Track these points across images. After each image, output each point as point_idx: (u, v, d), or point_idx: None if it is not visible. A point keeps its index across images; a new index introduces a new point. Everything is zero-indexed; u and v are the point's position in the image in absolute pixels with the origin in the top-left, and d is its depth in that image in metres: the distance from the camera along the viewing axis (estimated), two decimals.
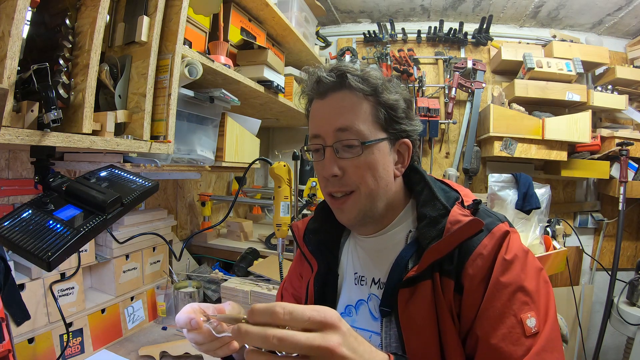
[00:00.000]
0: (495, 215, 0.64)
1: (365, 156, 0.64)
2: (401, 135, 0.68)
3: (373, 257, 0.71)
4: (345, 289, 0.74)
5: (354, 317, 0.70)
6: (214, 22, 1.35)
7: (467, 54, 2.42)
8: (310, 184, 1.50)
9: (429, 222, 0.63)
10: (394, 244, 0.68)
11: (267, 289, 1.36)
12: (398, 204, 0.70)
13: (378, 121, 0.65)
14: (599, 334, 1.96)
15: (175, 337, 1.27)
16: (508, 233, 0.61)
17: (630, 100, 2.12)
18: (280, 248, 1.17)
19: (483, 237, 0.59)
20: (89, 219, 0.65)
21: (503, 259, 0.58)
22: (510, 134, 1.98)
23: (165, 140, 0.98)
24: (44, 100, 0.68)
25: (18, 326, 0.95)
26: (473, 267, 0.58)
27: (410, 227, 0.68)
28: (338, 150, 0.65)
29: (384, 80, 0.66)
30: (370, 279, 0.70)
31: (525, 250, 0.61)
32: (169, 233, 1.51)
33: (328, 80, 0.65)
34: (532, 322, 0.54)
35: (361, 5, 2.35)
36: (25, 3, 0.64)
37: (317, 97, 0.68)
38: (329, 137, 0.65)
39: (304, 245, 0.79)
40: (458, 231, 0.58)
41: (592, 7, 2.10)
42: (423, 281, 0.60)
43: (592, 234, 2.36)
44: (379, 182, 0.65)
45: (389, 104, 0.65)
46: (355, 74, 0.65)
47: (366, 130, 0.64)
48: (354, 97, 0.65)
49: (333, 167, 0.65)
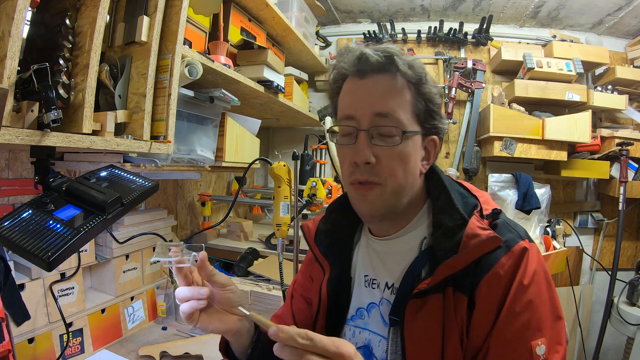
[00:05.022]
0: (516, 229, 0.60)
1: (402, 147, 0.59)
2: (432, 131, 0.64)
3: (385, 260, 0.68)
4: (356, 292, 0.72)
5: (366, 320, 0.69)
6: (214, 22, 1.35)
7: (467, 54, 2.42)
8: (310, 184, 1.50)
9: (445, 232, 0.59)
10: (408, 250, 0.65)
11: (267, 289, 1.36)
12: (417, 204, 0.67)
13: (416, 113, 0.61)
14: (599, 334, 1.96)
15: (175, 337, 1.28)
16: (526, 251, 0.57)
17: (630, 100, 2.12)
18: (280, 248, 1.17)
19: (501, 255, 0.56)
20: (89, 219, 0.65)
21: (520, 284, 0.55)
22: (510, 134, 1.98)
23: (165, 140, 0.98)
24: (44, 100, 0.68)
25: (18, 326, 0.95)
26: (488, 287, 0.55)
27: (424, 233, 0.65)
28: (373, 137, 0.60)
29: (426, 71, 0.62)
30: (383, 283, 0.68)
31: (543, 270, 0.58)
32: (169, 233, 1.51)
33: (374, 58, 0.59)
34: (542, 349, 0.53)
35: (361, 5, 2.35)
36: (25, 3, 0.64)
37: (356, 75, 0.62)
38: (365, 120, 0.60)
39: (315, 246, 0.76)
40: (475, 247, 0.55)
41: (592, 7, 2.10)
42: (434, 294, 0.57)
43: (592, 234, 2.36)
44: (407, 177, 0.62)
45: (429, 96, 0.61)
46: (404, 59, 0.60)
47: (406, 120, 0.60)
48: (399, 83, 0.60)
49: (367, 153, 0.59)
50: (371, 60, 0.60)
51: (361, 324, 0.69)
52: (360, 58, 0.61)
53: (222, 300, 0.61)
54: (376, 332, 0.66)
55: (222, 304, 0.62)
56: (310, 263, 0.81)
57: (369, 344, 0.67)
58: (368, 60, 0.60)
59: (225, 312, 0.62)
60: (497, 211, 0.60)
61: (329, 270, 0.73)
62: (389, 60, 0.59)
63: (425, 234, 0.64)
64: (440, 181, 0.66)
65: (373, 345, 0.66)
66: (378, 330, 0.66)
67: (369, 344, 0.67)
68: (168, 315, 1.39)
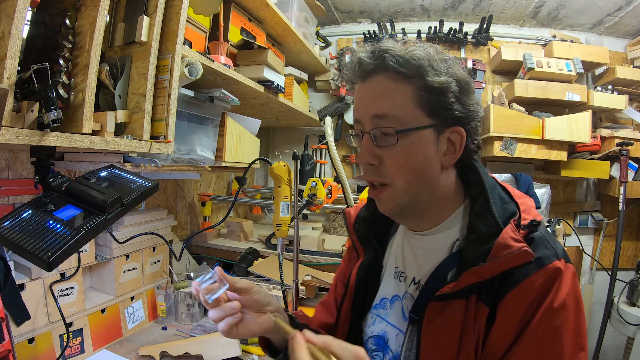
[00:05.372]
0: (553, 247, 0.56)
1: (402, 146, 0.58)
2: (451, 122, 0.60)
3: (417, 255, 0.68)
4: (384, 282, 0.73)
5: (387, 311, 0.69)
6: (214, 22, 1.35)
7: (467, 54, 2.41)
8: (310, 184, 1.50)
9: (478, 238, 0.57)
10: (439, 248, 0.64)
11: (267, 289, 1.36)
12: (449, 201, 0.64)
13: (422, 107, 0.58)
14: (599, 334, 1.96)
15: (175, 337, 1.28)
16: (561, 272, 0.54)
17: (630, 100, 2.11)
18: (280, 248, 1.17)
19: (532, 272, 0.53)
20: (89, 219, 0.65)
21: (549, 307, 0.52)
22: (510, 134, 1.98)
23: (165, 140, 0.97)
24: (44, 100, 0.68)
25: (18, 326, 0.95)
26: (512, 303, 0.53)
27: (458, 234, 0.63)
28: (376, 138, 0.60)
29: (430, 59, 0.58)
30: (410, 278, 0.67)
31: (575, 296, 0.55)
32: (169, 233, 1.51)
33: (366, 62, 0.60)
34: None
35: (361, 5, 2.35)
36: (25, 3, 0.64)
37: (359, 79, 0.63)
38: (367, 123, 0.61)
39: (353, 233, 0.78)
40: (504, 259, 0.53)
41: (592, 7, 2.10)
42: (457, 299, 0.56)
43: (592, 234, 2.36)
44: (417, 174, 0.60)
45: (434, 87, 0.57)
46: (396, 54, 0.58)
47: (405, 117, 0.58)
48: (392, 81, 0.59)
49: (367, 155, 0.61)
50: (364, 63, 0.61)
51: (382, 314, 0.70)
52: (358, 63, 0.62)
53: (251, 304, 0.63)
54: (394, 325, 0.67)
55: (252, 307, 0.64)
56: (350, 249, 0.83)
57: (385, 335, 0.68)
58: (363, 64, 0.61)
59: (258, 314, 0.64)
60: (535, 223, 0.57)
61: (363, 256, 0.75)
62: (381, 60, 0.59)
63: (458, 236, 0.63)
64: (480, 182, 0.63)
65: (389, 337, 0.67)
66: (397, 324, 0.67)
67: (385, 335, 0.68)
68: (168, 315, 1.39)
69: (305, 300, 1.48)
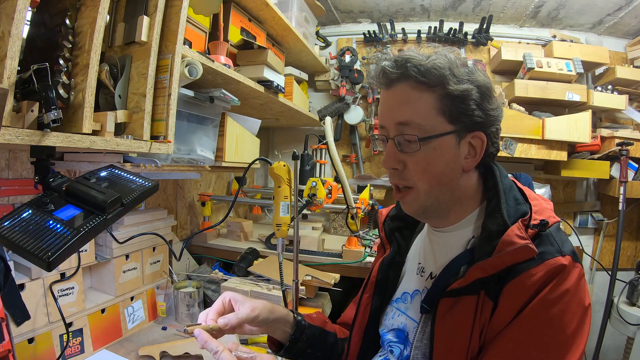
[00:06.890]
0: (559, 244, 0.57)
1: (425, 152, 0.61)
2: (472, 127, 0.63)
3: (435, 250, 0.71)
4: (406, 277, 0.77)
5: (407, 305, 0.72)
6: (214, 22, 1.35)
7: (467, 54, 2.42)
8: (310, 184, 1.50)
9: (487, 236, 0.60)
10: (455, 244, 0.67)
11: (267, 289, 1.36)
12: (468, 201, 0.67)
13: (443, 114, 0.61)
14: (599, 334, 1.96)
15: (175, 337, 1.28)
16: (564, 268, 0.54)
17: (630, 100, 2.11)
18: (280, 248, 1.16)
19: (533, 265, 0.54)
20: (89, 219, 0.65)
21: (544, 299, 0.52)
22: (510, 134, 1.98)
23: (165, 140, 0.97)
24: (44, 100, 0.68)
25: (18, 326, 0.95)
26: (509, 294, 0.55)
27: (473, 232, 0.66)
28: (400, 144, 0.63)
29: (452, 67, 0.60)
30: (428, 272, 0.70)
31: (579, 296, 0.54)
32: (169, 233, 1.51)
33: (389, 71, 0.63)
34: None
35: (361, 5, 2.35)
36: (25, 3, 0.64)
37: (383, 86, 0.66)
38: (392, 129, 0.64)
39: (382, 230, 0.83)
40: (507, 254, 0.55)
41: (592, 7, 2.10)
42: (468, 295, 0.57)
43: (592, 234, 2.36)
44: (439, 177, 0.63)
45: (455, 95, 0.60)
46: (418, 63, 0.60)
47: (428, 124, 0.61)
48: (415, 90, 0.61)
49: (391, 161, 0.65)
50: (387, 72, 0.63)
51: (402, 308, 0.73)
52: (382, 72, 0.64)
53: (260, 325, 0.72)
54: (413, 319, 0.69)
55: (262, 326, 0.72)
56: (379, 247, 0.87)
57: (405, 328, 0.70)
58: (386, 73, 0.63)
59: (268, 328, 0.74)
60: (544, 222, 0.58)
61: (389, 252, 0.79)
62: (403, 70, 0.61)
63: (473, 234, 0.65)
64: (495, 185, 0.65)
65: (409, 330, 0.69)
66: (416, 317, 0.68)
67: (404, 328, 0.70)
68: (168, 315, 1.39)
69: (305, 300, 1.48)
